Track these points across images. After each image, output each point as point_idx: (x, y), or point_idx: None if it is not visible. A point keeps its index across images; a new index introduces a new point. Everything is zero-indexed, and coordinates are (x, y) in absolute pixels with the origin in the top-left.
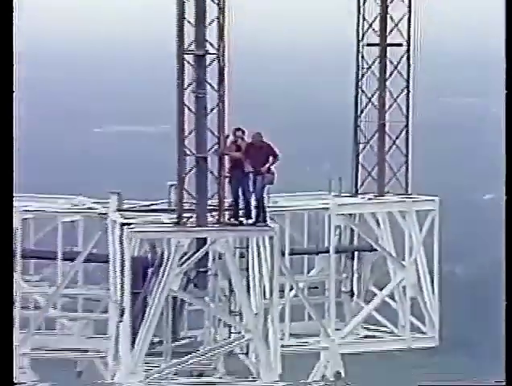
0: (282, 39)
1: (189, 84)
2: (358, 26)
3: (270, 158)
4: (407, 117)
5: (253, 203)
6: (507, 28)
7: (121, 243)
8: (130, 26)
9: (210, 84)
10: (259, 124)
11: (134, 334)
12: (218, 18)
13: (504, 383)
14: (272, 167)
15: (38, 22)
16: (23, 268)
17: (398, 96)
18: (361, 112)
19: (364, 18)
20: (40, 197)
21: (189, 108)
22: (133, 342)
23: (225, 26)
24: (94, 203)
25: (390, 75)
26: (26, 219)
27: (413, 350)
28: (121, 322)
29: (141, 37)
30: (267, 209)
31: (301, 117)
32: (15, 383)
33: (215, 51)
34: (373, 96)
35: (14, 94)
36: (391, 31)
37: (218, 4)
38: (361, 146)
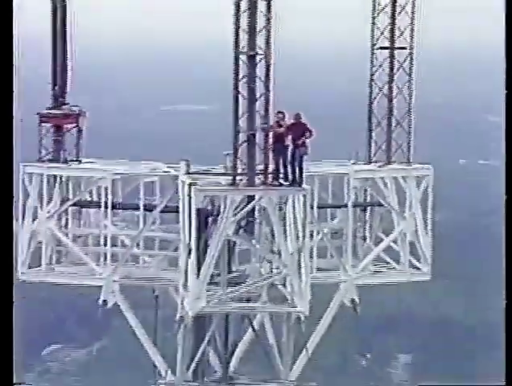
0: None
1: (243, 77)
2: (373, 32)
3: (307, 134)
4: (409, 104)
5: (290, 169)
6: (507, 28)
7: (188, 198)
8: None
9: (259, 78)
10: (294, 107)
11: (199, 267)
12: (266, 27)
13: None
14: (307, 141)
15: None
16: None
17: (402, 88)
18: (374, 99)
19: (377, 27)
20: (126, 162)
21: (243, 96)
22: (197, 274)
23: (271, 32)
24: (168, 167)
25: (398, 70)
26: (115, 179)
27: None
28: (189, 258)
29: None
30: (304, 174)
31: (327, 103)
32: (15, 383)
33: (263, 52)
34: (383, 87)
35: (13, 94)
36: (399, 37)
37: (266, 15)
38: (374, 126)
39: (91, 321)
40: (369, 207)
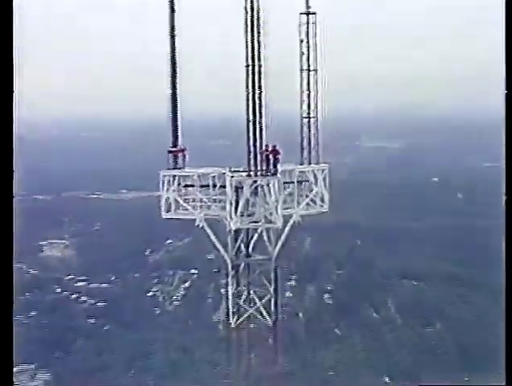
0: None
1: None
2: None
3: (278, 155)
4: (317, 136)
5: (272, 168)
6: (507, 28)
7: (230, 182)
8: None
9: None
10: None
11: (236, 208)
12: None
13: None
14: (279, 157)
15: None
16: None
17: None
18: (303, 137)
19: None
20: (201, 167)
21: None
22: (236, 212)
23: (262, 102)
24: (221, 169)
25: (313, 124)
26: (199, 175)
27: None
28: (231, 205)
29: None
30: (278, 170)
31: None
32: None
33: (258, 120)
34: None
35: (13, 94)
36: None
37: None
38: (303, 146)
39: (188, 232)
40: (303, 182)
